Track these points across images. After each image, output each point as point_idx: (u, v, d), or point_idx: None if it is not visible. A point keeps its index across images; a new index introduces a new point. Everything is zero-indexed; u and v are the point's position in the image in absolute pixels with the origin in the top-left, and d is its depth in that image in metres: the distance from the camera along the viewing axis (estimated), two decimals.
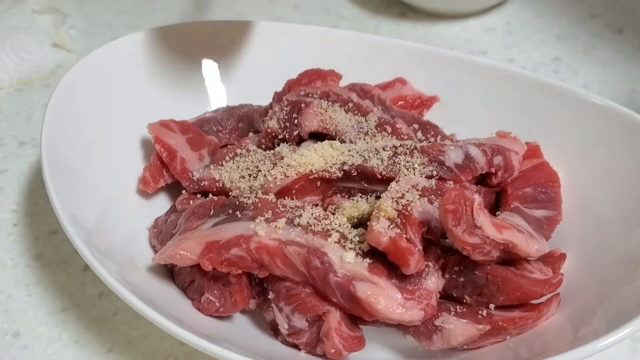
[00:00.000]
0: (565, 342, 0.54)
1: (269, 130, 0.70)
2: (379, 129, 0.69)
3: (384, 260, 0.55)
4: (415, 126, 0.72)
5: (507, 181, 0.67)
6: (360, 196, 0.63)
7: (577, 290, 0.60)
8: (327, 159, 0.63)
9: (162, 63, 0.80)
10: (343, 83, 0.77)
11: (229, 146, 0.73)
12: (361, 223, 0.61)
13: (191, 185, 0.69)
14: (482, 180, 0.67)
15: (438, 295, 0.56)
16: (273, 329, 0.59)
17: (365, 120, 0.69)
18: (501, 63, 0.77)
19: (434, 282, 0.56)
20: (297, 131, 0.68)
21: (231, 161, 0.68)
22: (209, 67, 0.82)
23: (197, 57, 0.82)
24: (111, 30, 1.06)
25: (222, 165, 0.69)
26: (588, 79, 0.91)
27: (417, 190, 0.59)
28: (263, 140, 0.71)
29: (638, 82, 0.89)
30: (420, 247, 0.55)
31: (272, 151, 0.68)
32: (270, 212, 0.59)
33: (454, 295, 0.58)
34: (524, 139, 0.69)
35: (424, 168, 0.63)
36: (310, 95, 0.71)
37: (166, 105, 0.78)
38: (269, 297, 0.59)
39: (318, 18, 1.08)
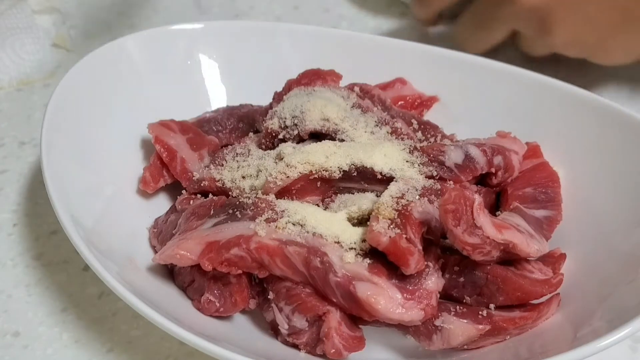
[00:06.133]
0: (565, 342, 0.54)
1: (269, 130, 0.70)
2: (378, 128, 0.69)
3: (384, 260, 0.55)
4: (415, 126, 0.72)
5: (507, 181, 0.67)
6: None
7: (577, 290, 0.60)
8: (328, 155, 0.63)
9: (162, 63, 0.80)
10: (343, 83, 0.77)
11: (229, 146, 0.73)
12: (361, 223, 0.61)
13: (191, 185, 0.69)
14: (482, 180, 0.67)
15: (438, 295, 0.56)
16: (273, 329, 0.59)
17: (365, 120, 0.69)
18: (501, 63, 0.77)
19: (434, 282, 0.56)
20: (297, 131, 0.68)
21: (231, 161, 0.68)
22: (209, 67, 0.82)
23: (197, 57, 0.82)
24: (111, 30, 1.06)
25: (222, 165, 0.69)
26: (588, 79, 0.91)
27: (417, 190, 0.59)
28: (263, 140, 0.71)
29: (638, 82, 0.89)
30: (420, 247, 0.55)
31: (272, 151, 0.68)
32: (270, 212, 0.59)
33: (454, 295, 0.58)
34: (524, 139, 0.69)
35: (424, 168, 0.63)
36: None
37: (166, 105, 0.77)
38: (269, 297, 0.59)
39: (318, 18, 1.08)
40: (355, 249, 0.57)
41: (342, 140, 0.67)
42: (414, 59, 0.80)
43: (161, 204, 0.71)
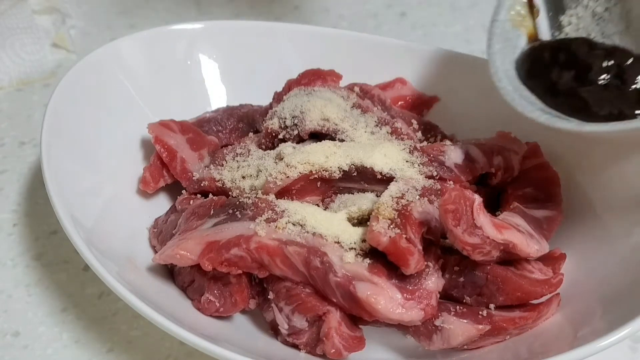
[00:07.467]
0: (565, 342, 0.54)
1: (269, 130, 0.70)
2: (378, 128, 0.69)
3: (384, 260, 0.55)
4: (415, 126, 0.72)
5: (507, 181, 0.67)
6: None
7: (577, 290, 0.60)
8: (328, 155, 0.63)
9: (162, 63, 0.80)
10: (343, 83, 0.77)
11: (229, 146, 0.73)
12: (361, 223, 0.61)
13: (191, 185, 0.69)
14: (482, 180, 0.67)
15: (438, 295, 0.56)
16: (273, 329, 0.59)
17: (365, 120, 0.69)
18: None
19: (434, 282, 0.56)
20: (297, 131, 0.68)
21: (231, 161, 0.68)
22: (209, 67, 0.82)
23: (197, 57, 0.82)
24: (111, 30, 1.05)
25: (222, 165, 0.69)
26: None
27: (417, 190, 0.59)
28: (263, 140, 0.71)
29: None
30: (420, 247, 0.55)
31: (272, 151, 0.68)
32: (270, 212, 0.59)
33: (454, 295, 0.58)
34: (524, 139, 0.69)
35: (424, 168, 0.63)
36: None
37: (166, 105, 0.77)
38: (269, 297, 0.59)
39: (318, 18, 1.08)
40: (355, 249, 0.57)
41: (342, 140, 0.67)
42: (414, 59, 0.80)
43: (161, 204, 0.71)
